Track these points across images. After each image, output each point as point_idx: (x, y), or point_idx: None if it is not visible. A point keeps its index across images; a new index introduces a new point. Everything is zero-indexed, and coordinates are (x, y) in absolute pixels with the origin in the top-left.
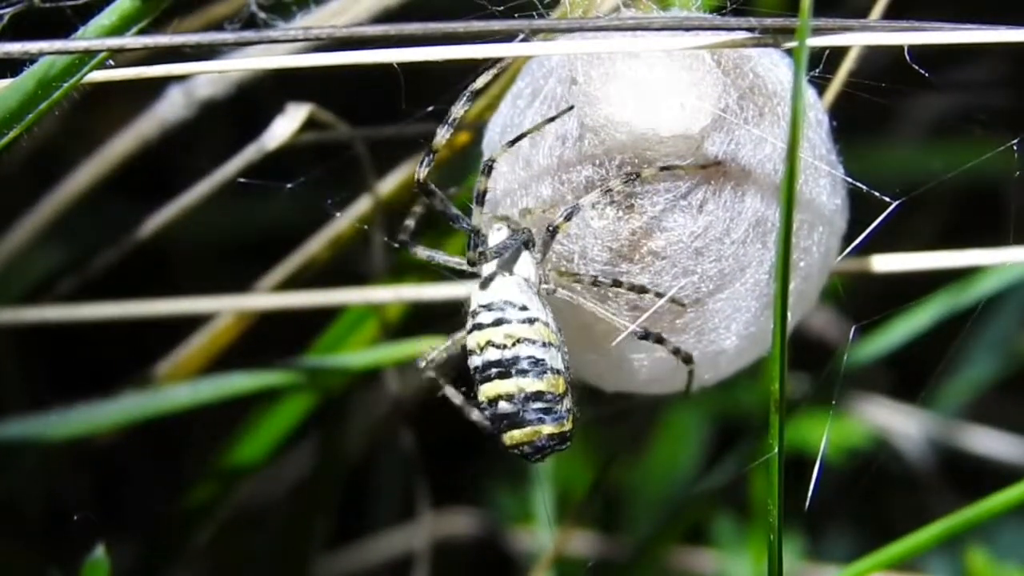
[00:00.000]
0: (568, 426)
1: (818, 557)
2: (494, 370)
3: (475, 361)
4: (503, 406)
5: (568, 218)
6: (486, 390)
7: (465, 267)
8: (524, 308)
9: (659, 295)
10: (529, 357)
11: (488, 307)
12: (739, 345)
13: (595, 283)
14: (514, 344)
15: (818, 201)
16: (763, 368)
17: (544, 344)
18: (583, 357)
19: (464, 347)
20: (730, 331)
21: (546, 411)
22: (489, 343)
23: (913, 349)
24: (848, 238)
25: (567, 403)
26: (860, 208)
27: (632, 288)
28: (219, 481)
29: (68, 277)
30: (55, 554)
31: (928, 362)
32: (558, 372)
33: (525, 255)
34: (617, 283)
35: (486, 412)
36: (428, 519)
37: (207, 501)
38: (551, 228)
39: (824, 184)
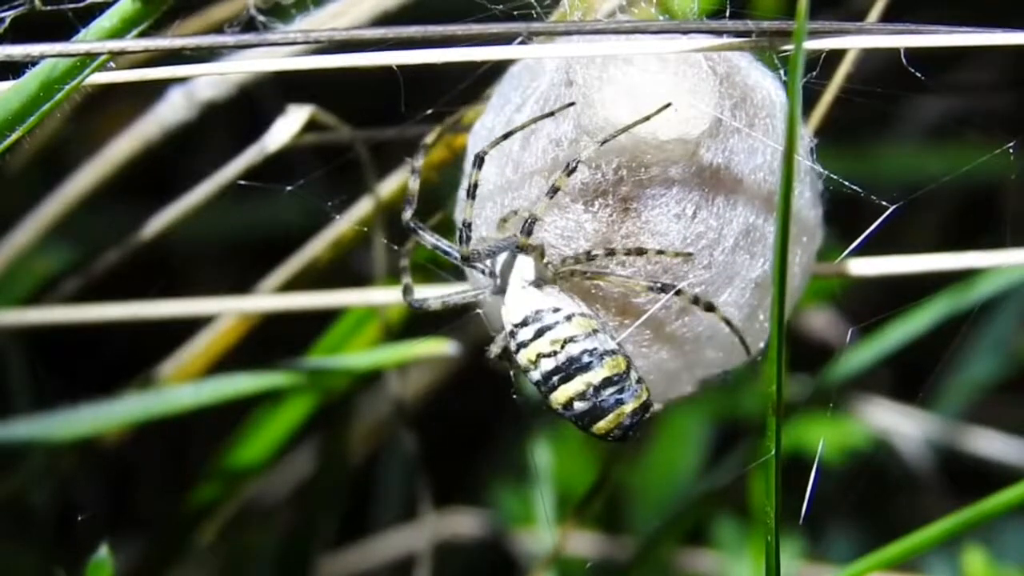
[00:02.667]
0: (644, 395)
1: (818, 557)
2: (556, 378)
3: (534, 376)
4: (579, 406)
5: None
6: (556, 397)
7: (472, 262)
8: (556, 309)
9: (660, 252)
10: (583, 351)
11: (523, 323)
12: (720, 356)
13: (590, 257)
14: (563, 346)
15: (803, 213)
16: (763, 370)
17: (589, 334)
18: None
19: (512, 364)
20: (712, 340)
21: (620, 391)
22: (540, 355)
23: (912, 351)
24: (847, 241)
25: (633, 374)
26: (857, 211)
27: (629, 252)
28: (223, 482)
29: (71, 278)
30: (61, 554)
31: (927, 364)
32: (613, 352)
33: (521, 259)
34: (611, 252)
35: (565, 414)
36: (430, 519)
37: (211, 501)
38: (527, 222)
39: (807, 196)
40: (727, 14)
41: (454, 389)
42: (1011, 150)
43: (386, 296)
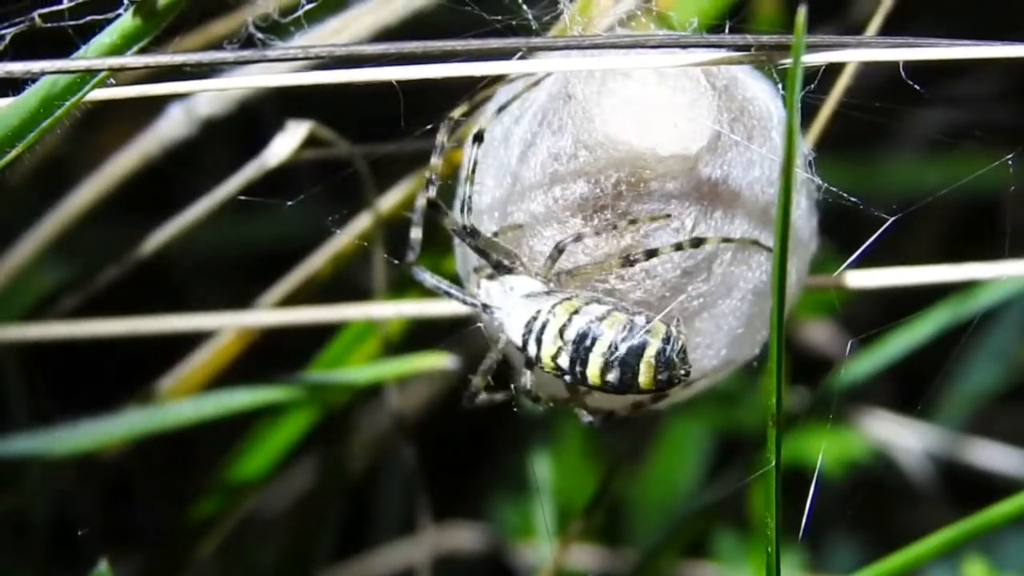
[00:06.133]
0: (661, 330)
1: (818, 569)
2: (578, 367)
3: (569, 379)
4: (612, 377)
5: (577, 240)
6: (594, 383)
7: (468, 299)
8: (538, 311)
9: (633, 220)
10: (578, 333)
11: (525, 342)
12: (717, 365)
13: (578, 239)
14: (562, 337)
15: (798, 224)
16: (763, 382)
17: (574, 313)
18: None
19: (536, 369)
20: (711, 350)
21: (632, 341)
22: (554, 357)
23: (912, 362)
24: (846, 253)
25: (639, 319)
26: (856, 224)
27: (600, 232)
28: (223, 496)
29: (71, 294)
30: (60, 569)
31: (927, 375)
32: (605, 316)
33: (522, 277)
34: (579, 238)
35: (615, 393)
36: (429, 533)
37: (211, 515)
38: (559, 247)
39: (804, 206)
40: (726, 28)
41: (453, 403)
42: (1010, 162)
43: (386, 311)
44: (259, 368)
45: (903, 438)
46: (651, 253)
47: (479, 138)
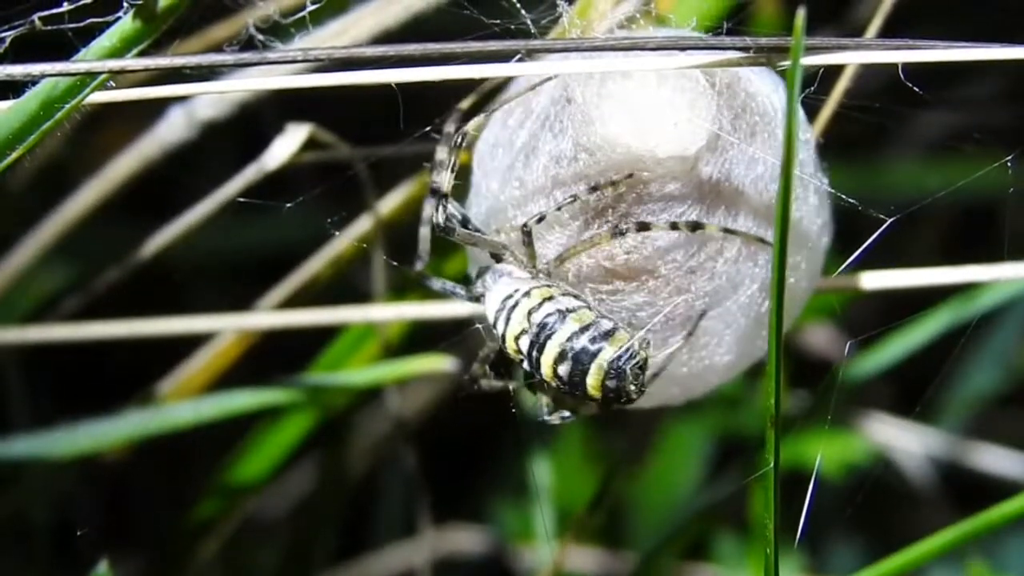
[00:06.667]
0: (623, 339)
1: (818, 571)
2: (535, 352)
3: (526, 364)
4: (563, 369)
5: (539, 221)
6: (545, 372)
7: (475, 296)
8: (515, 290)
9: (614, 183)
10: (545, 316)
11: (496, 318)
12: (728, 360)
13: (541, 219)
14: (529, 319)
15: (807, 219)
16: (762, 384)
17: (547, 299)
18: None
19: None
20: (720, 347)
21: (592, 340)
22: (516, 338)
23: (912, 364)
24: (845, 255)
25: (604, 322)
26: (856, 225)
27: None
28: (223, 498)
29: (72, 296)
30: (61, 571)
31: (927, 377)
32: (575, 308)
33: (511, 265)
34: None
35: (562, 387)
36: (429, 535)
37: (211, 518)
38: (525, 230)
39: (812, 202)
40: (725, 30)
41: (453, 405)
42: (1009, 164)
43: (386, 313)
44: (259, 370)
45: (903, 440)
46: (643, 226)
47: (462, 143)
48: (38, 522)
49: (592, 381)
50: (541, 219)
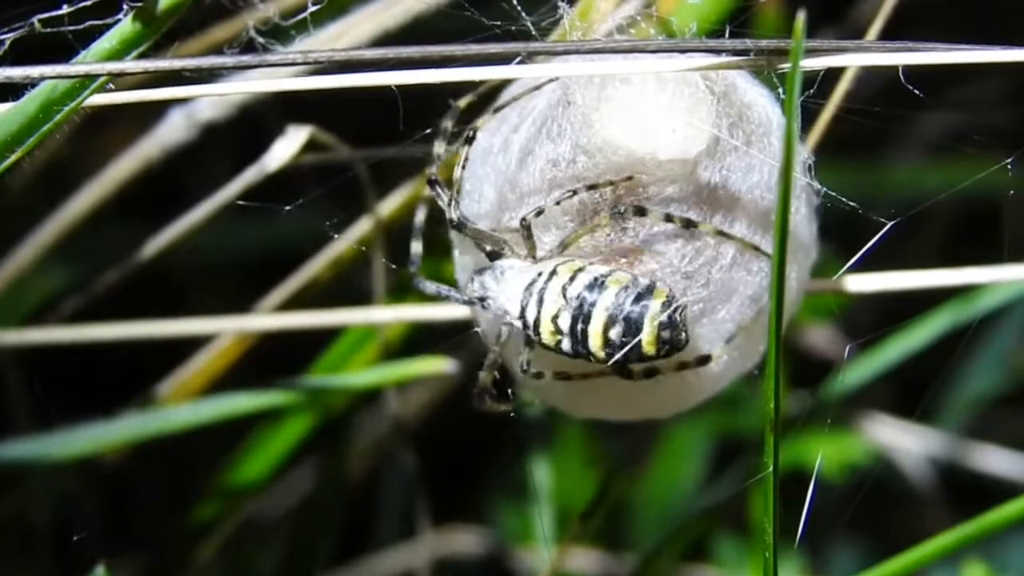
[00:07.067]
0: (664, 292)
1: (818, 573)
2: (579, 326)
3: (567, 344)
4: (614, 334)
5: (537, 215)
6: (594, 345)
7: (471, 299)
8: (539, 274)
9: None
10: (583, 288)
11: (524, 307)
12: (720, 370)
13: (539, 213)
14: (564, 295)
15: (799, 229)
16: (762, 385)
17: (578, 271)
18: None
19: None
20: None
21: (636, 299)
22: (555, 318)
23: (912, 366)
24: (846, 257)
25: (642, 280)
26: (856, 228)
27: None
28: (222, 500)
29: (72, 298)
30: (61, 573)
31: (927, 379)
32: (608, 273)
33: (512, 259)
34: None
35: (617, 355)
36: (429, 537)
37: (210, 520)
38: (524, 223)
39: (803, 213)
40: (726, 33)
41: (453, 407)
42: (1009, 166)
43: (386, 315)
44: (259, 372)
45: (903, 442)
46: (640, 210)
47: (472, 137)
48: (38, 523)
49: (648, 337)
50: (540, 213)
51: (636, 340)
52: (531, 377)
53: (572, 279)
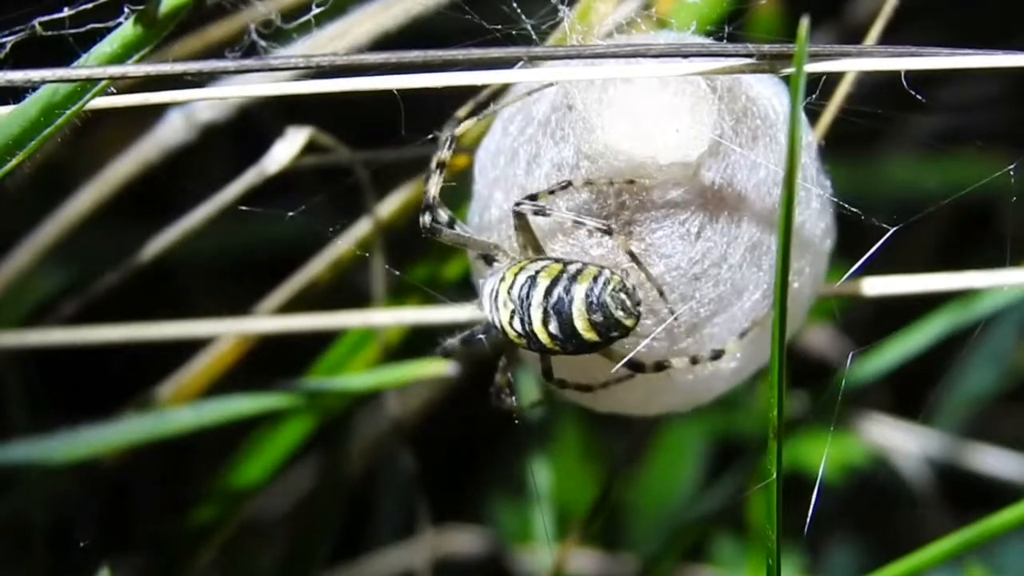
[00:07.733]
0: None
1: (818, 573)
2: (525, 324)
3: (516, 327)
4: (552, 329)
5: (533, 203)
6: (537, 331)
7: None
8: (496, 285)
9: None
10: (527, 276)
11: (493, 304)
12: (735, 366)
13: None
14: (510, 290)
15: (809, 224)
16: (761, 387)
17: (527, 265)
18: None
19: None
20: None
21: (565, 288)
22: (513, 314)
23: (912, 368)
24: (845, 262)
25: (606, 272)
26: (856, 231)
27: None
28: (222, 501)
29: (71, 299)
30: (60, 575)
31: (927, 380)
32: (545, 267)
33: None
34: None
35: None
36: (428, 537)
37: (210, 521)
38: (515, 210)
39: (815, 207)
40: (725, 35)
41: (452, 407)
42: (1011, 172)
43: (385, 318)
44: (258, 375)
45: (903, 443)
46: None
47: (455, 141)
48: (37, 526)
49: (581, 325)
50: (534, 199)
51: (572, 332)
52: (554, 385)
53: (513, 281)
